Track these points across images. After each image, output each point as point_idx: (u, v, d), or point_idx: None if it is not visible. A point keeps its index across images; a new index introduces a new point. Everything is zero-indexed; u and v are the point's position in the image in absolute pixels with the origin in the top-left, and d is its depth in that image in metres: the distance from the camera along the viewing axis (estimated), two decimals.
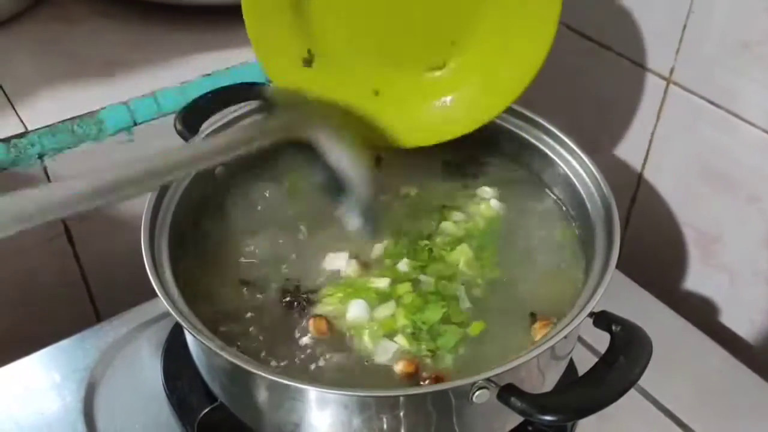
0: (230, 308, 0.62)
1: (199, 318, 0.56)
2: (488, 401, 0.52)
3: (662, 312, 0.80)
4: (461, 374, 0.57)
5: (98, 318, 0.88)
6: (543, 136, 0.72)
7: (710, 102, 0.77)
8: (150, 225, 0.61)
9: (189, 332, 0.54)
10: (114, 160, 0.75)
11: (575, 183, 0.68)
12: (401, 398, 0.54)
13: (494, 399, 0.51)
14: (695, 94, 0.78)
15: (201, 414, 0.65)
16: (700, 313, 0.85)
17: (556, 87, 0.94)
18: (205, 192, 0.70)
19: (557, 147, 0.71)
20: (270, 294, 0.64)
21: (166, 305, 0.55)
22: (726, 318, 0.85)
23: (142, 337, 0.74)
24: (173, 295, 0.57)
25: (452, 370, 0.58)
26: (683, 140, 0.81)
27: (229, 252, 0.67)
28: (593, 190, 0.67)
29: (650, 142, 0.85)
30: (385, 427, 0.54)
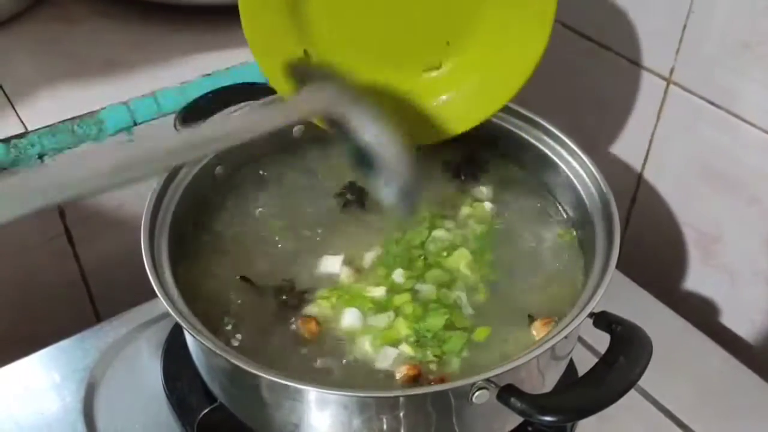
0: (229, 308, 0.62)
1: (199, 318, 0.56)
2: (488, 402, 0.52)
3: (662, 312, 0.80)
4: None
5: (98, 318, 0.88)
6: (543, 137, 0.71)
7: (710, 102, 0.77)
8: (150, 225, 0.61)
9: (189, 333, 0.54)
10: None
11: (575, 183, 0.68)
12: (401, 399, 0.54)
13: (494, 399, 0.52)
14: (695, 95, 0.78)
15: (201, 414, 0.65)
16: (701, 314, 0.85)
17: (556, 87, 0.94)
18: (205, 192, 0.70)
19: (557, 147, 0.71)
20: (269, 294, 0.64)
21: (166, 306, 0.55)
22: (726, 318, 0.85)
23: (142, 338, 0.74)
24: (173, 296, 0.57)
25: (459, 375, 0.58)
26: (683, 140, 0.81)
27: (229, 252, 0.67)
28: (593, 190, 0.66)
29: (650, 143, 0.85)
30: (385, 428, 0.54)
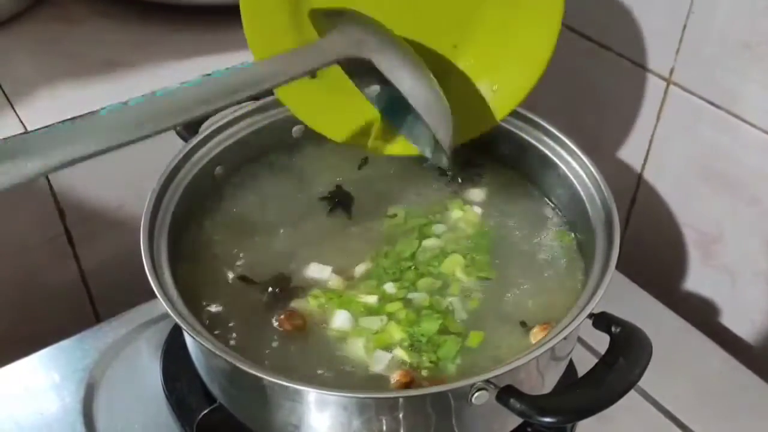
0: (228, 308, 0.62)
1: (198, 319, 0.56)
2: (487, 403, 0.52)
3: (662, 313, 0.80)
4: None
5: (98, 319, 0.88)
6: (543, 137, 0.71)
7: (710, 103, 0.77)
8: (149, 226, 0.61)
9: (188, 333, 0.54)
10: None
11: (575, 184, 0.68)
12: (401, 400, 0.54)
13: (493, 400, 0.51)
14: (695, 95, 0.78)
15: (200, 415, 0.65)
16: (701, 314, 0.85)
17: (556, 87, 0.94)
18: (205, 192, 0.70)
19: (557, 148, 0.70)
20: (268, 294, 0.64)
21: (165, 306, 0.55)
22: (726, 319, 0.85)
23: (142, 338, 0.74)
24: (172, 296, 0.56)
25: (455, 378, 0.58)
26: (683, 141, 0.81)
27: (228, 253, 0.67)
28: (593, 191, 0.66)
29: (650, 143, 0.85)
30: (385, 429, 0.54)
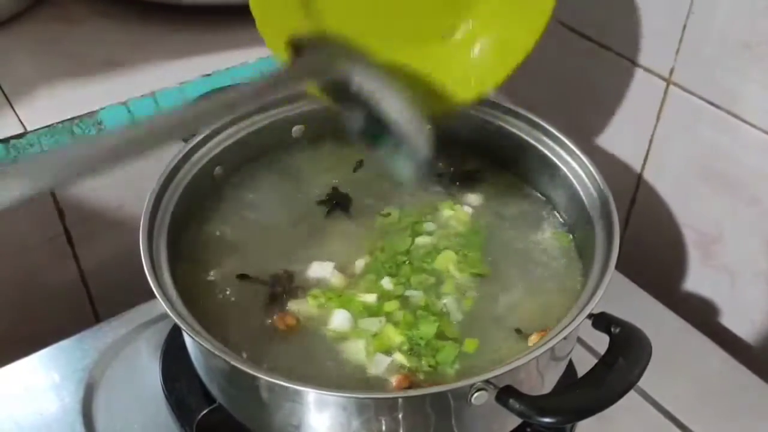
0: (228, 309, 0.62)
1: (197, 319, 0.56)
2: (487, 403, 0.52)
3: (662, 313, 0.80)
4: None
5: (97, 319, 0.88)
6: (542, 137, 0.71)
7: (710, 103, 0.77)
8: (148, 226, 0.61)
9: (187, 333, 0.54)
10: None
11: (574, 184, 0.68)
12: (400, 400, 0.54)
13: (493, 401, 0.51)
14: (695, 95, 0.78)
15: (199, 415, 0.65)
16: (700, 314, 0.85)
17: (556, 87, 0.94)
18: (204, 193, 0.70)
19: (556, 148, 0.70)
20: (268, 294, 0.64)
21: (164, 307, 0.54)
22: (726, 319, 0.85)
23: (141, 338, 0.74)
24: (171, 297, 0.56)
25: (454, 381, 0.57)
26: (683, 141, 0.81)
27: (228, 253, 0.67)
28: (592, 191, 0.66)
29: (650, 143, 0.85)
30: (384, 429, 0.54)
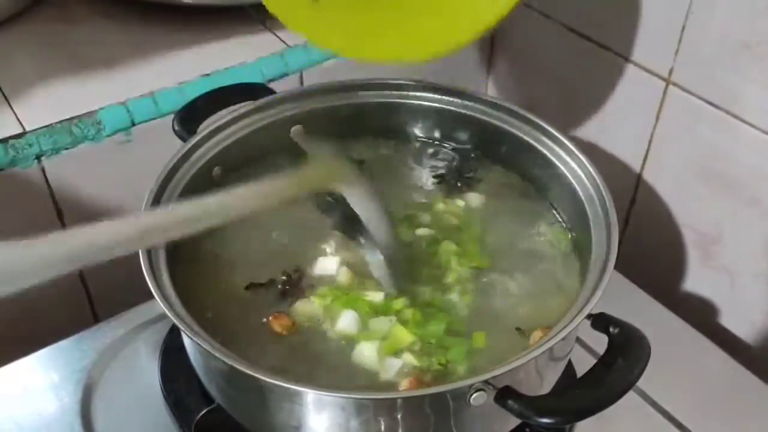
0: (227, 309, 0.62)
1: (196, 319, 0.56)
2: (486, 403, 0.52)
3: (661, 313, 0.80)
4: None
5: (96, 319, 0.88)
6: (541, 137, 0.71)
7: (710, 103, 0.77)
8: None
9: (185, 334, 0.54)
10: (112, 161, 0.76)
11: (573, 184, 0.68)
12: (399, 401, 0.54)
13: (492, 401, 0.51)
14: (694, 95, 0.78)
15: (198, 416, 0.65)
16: (700, 315, 0.84)
17: (556, 87, 0.94)
18: (203, 193, 0.69)
19: (555, 148, 0.70)
20: (266, 294, 0.64)
21: (163, 307, 0.54)
22: (726, 320, 0.85)
23: (140, 339, 0.74)
24: (170, 297, 0.56)
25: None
26: (683, 141, 0.81)
27: (226, 253, 0.67)
28: (591, 191, 0.66)
29: (649, 143, 0.85)
30: (383, 430, 0.54)
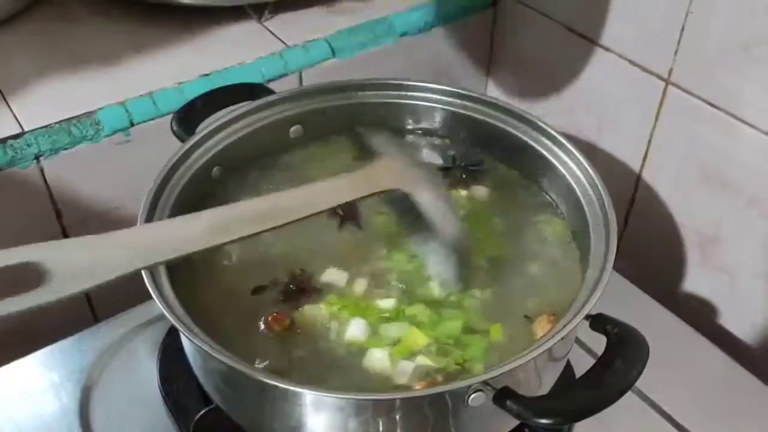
0: (226, 310, 0.62)
1: (195, 320, 0.56)
2: (484, 404, 0.52)
3: (661, 314, 0.80)
4: None
5: (95, 319, 0.88)
6: (541, 138, 0.71)
7: (709, 103, 0.77)
8: None
9: (184, 334, 0.54)
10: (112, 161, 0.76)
11: (572, 185, 0.67)
12: (397, 401, 0.54)
13: (490, 402, 0.51)
14: (694, 95, 0.78)
15: (197, 416, 0.65)
16: (699, 315, 0.84)
17: (554, 87, 0.94)
18: (202, 192, 0.70)
19: (555, 149, 0.70)
20: (268, 295, 0.63)
21: (161, 308, 0.54)
22: (725, 320, 0.85)
23: (139, 339, 0.74)
24: (168, 297, 0.56)
25: None
26: (682, 141, 0.81)
27: (225, 254, 0.67)
28: (590, 192, 0.66)
29: (649, 144, 0.85)
30: (382, 430, 0.54)
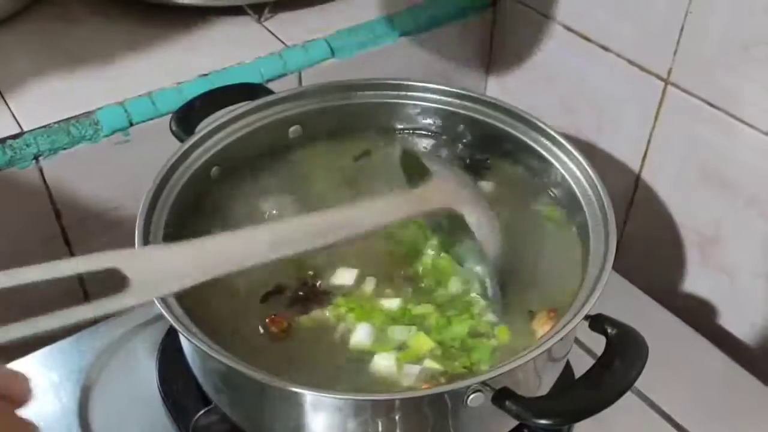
0: (225, 311, 0.62)
1: (194, 320, 0.56)
2: (483, 405, 0.51)
3: (661, 314, 0.80)
4: None
5: (95, 319, 0.88)
6: (540, 138, 0.71)
7: (708, 103, 0.77)
8: (144, 227, 0.61)
9: (182, 335, 0.54)
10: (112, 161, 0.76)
11: (572, 185, 0.67)
12: (397, 401, 0.54)
13: (489, 402, 0.51)
14: (693, 95, 0.78)
15: (196, 416, 0.65)
16: (699, 316, 0.84)
17: (554, 88, 0.94)
18: (201, 192, 0.70)
19: (554, 149, 0.70)
20: (273, 300, 0.63)
21: (160, 308, 0.54)
22: (725, 320, 0.85)
23: (138, 339, 0.74)
24: (167, 298, 0.56)
25: None
26: (681, 142, 0.81)
27: None
28: (590, 193, 0.66)
29: (648, 144, 0.84)
30: (381, 431, 0.54)
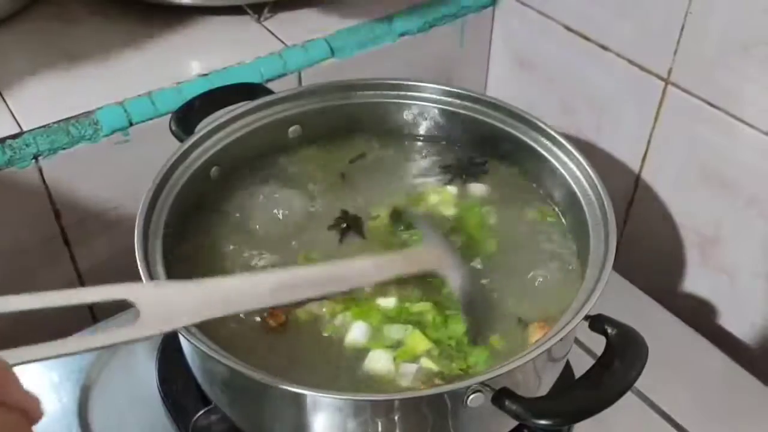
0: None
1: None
2: (483, 405, 0.51)
3: (660, 314, 0.80)
4: None
5: (95, 319, 0.88)
6: (540, 138, 0.71)
7: (708, 103, 0.77)
8: (144, 227, 0.61)
9: (182, 335, 0.54)
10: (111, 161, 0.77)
11: (572, 185, 0.67)
12: (396, 402, 0.54)
13: (489, 403, 0.51)
14: (693, 95, 0.78)
15: (195, 417, 0.65)
16: (699, 316, 0.84)
17: (554, 88, 0.94)
18: (201, 192, 0.70)
19: (554, 149, 0.70)
20: None
21: None
22: (724, 320, 0.85)
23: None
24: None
25: None
26: (681, 142, 0.81)
27: (224, 253, 0.67)
28: (590, 192, 0.66)
29: (648, 144, 0.84)
30: (380, 431, 0.54)
